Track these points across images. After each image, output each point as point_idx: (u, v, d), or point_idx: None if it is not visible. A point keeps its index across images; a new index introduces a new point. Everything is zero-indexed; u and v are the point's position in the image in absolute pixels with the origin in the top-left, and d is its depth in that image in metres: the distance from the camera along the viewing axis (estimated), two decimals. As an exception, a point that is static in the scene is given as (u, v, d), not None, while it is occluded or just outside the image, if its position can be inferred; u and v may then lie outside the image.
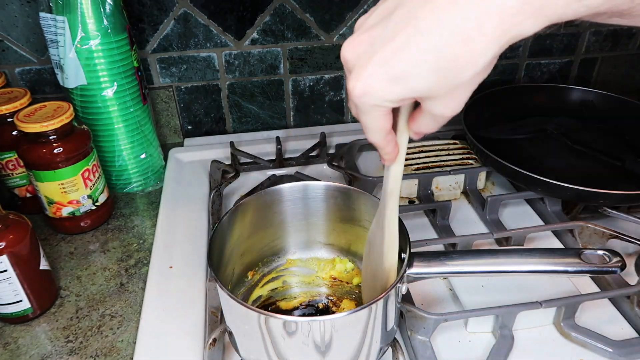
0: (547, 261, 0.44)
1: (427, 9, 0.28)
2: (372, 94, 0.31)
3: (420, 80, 0.29)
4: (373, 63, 0.30)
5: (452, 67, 0.28)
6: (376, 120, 0.34)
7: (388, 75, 0.30)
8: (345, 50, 0.32)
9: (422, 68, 0.29)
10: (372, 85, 0.30)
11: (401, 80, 0.30)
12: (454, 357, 0.50)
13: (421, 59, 0.28)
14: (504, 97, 0.85)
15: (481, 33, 0.27)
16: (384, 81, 0.30)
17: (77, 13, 0.63)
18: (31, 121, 0.60)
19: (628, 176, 0.70)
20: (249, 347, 0.44)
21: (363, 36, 0.31)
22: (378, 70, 0.30)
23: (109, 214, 0.71)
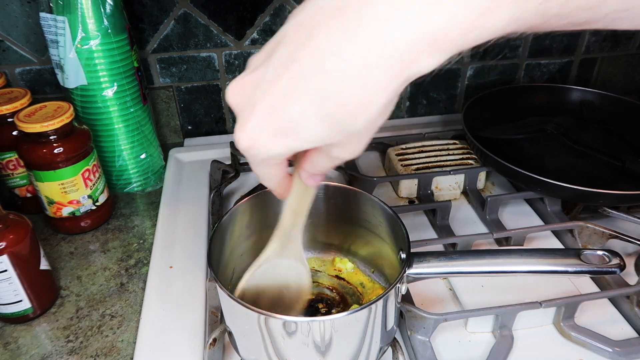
0: (547, 261, 0.44)
1: (308, 52, 0.25)
2: (258, 148, 0.28)
3: (309, 131, 0.27)
4: (256, 114, 0.27)
5: (342, 116, 0.26)
6: (268, 171, 0.32)
7: (273, 127, 0.27)
8: (228, 94, 0.30)
9: (309, 118, 0.26)
10: (257, 139, 0.28)
11: (289, 133, 0.27)
12: (454, 357, 0.50)
13: (305, 107, 0.26)
14: (504, 97, 0.85)
15: (368, 79, 0.24)
16: (270, 134, 0.27)
17: (77, 13, 0.64)
18: (31, 121, 0.60)
19: (628, 176, 0.69)
20: (249, 347, 0.44)
21: (245, 79, 0.29)
22: (262, 122, 0.27)
23: (109, 214, 0.71)
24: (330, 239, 0.57)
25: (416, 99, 0.95)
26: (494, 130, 0.78)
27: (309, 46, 0.25)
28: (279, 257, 0.43)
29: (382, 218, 0.50)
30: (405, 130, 0.89)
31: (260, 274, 0.44)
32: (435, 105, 0.97)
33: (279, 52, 0.27)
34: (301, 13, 0.26)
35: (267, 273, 0.44)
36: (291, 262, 0.44)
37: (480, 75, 0.95)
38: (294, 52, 0.26)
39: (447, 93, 0.96)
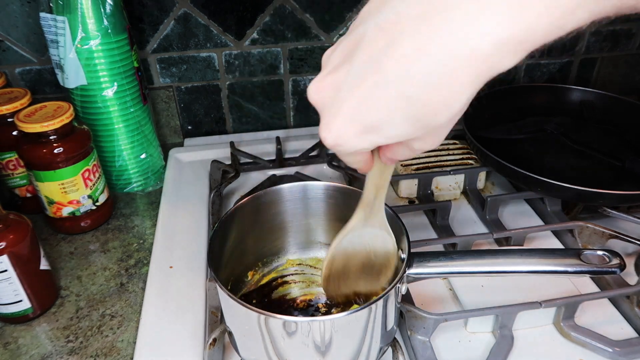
0: (547, 261, 0.44)
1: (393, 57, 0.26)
2: (345, 145, 0.30)
3: (394, 128, 0.28)
4: (342, 113, 0.29)
5: (426, 114, 0.27)
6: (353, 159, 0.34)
7: (359, 126, 0.29)
8: (311, 93, 0.31)
9: (394, 117, 0.28)
10: (344, 137, 0.30)
11: (374, 130, 0.29)
12: (454, 357, 0.50)
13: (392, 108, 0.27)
14: (504, 97, 0.85)
15: (454, 80, 0.25)
16: (355, 132, 0.29)
17: (77, 13, 0.64)
18: (31, 121, 0.60)
19: (628, 176, 0.70)
20: (249, 347, 0.44)
21: (327, 79, 0.30)
22: (348, 121, 0.29)
23: (109, 214, 0.71)
24: (330, 239, 0.57)
25: (416, 99, 0.95)
26: (494, 130, 0.78)
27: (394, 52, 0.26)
28: (364, 227, 0.44)
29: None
30: (405, 130, 0.89)
31: (347, 241, 0.45)
32: (435, 105, 0.97)
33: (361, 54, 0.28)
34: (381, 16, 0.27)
35: (354, 240, 0.45)
36: (376, 231, 0.44)
37: (480, 75, 0.94)
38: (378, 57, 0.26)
39: (447, 93, 0.96)
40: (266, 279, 0.55)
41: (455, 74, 0.25)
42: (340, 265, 0.46)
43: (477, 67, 0.25)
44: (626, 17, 0.26)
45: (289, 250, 0.57)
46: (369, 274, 0.47)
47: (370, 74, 0.27)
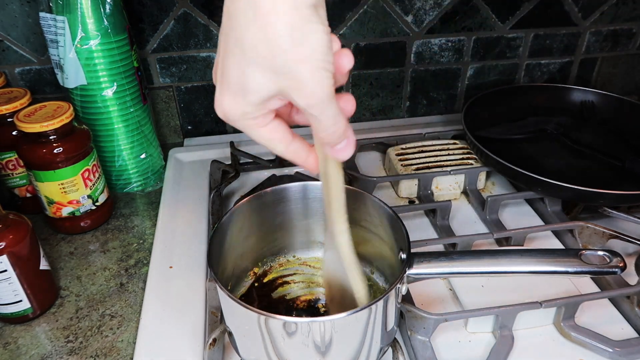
0: (547, 262, 0.44)
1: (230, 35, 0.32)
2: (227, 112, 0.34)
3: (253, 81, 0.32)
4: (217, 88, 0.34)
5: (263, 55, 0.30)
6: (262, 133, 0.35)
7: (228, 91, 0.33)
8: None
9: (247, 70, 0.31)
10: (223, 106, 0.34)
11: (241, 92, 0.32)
12: (454, 357, 0.50)
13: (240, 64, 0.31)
14: (504, 97, 0.85)
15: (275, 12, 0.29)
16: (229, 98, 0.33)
17: (77, 13, 0.63)
18: (31, 121, 0.60)
19: (628, 176, 0.70)
20: (249, 348, 0.44)
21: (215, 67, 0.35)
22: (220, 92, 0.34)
23: (109, 214, 0.71)
24: (330, 239, 0.57)
25: (416, 99, 0.95)
26: (494, 130, 0.78)
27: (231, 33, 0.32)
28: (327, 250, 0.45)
29: (382, 218, 0.50)
30: (405, 130, 0.89)
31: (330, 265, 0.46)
32: (435, 105, 0.97)
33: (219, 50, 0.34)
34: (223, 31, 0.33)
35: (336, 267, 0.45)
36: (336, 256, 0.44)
37: (480, 75, 0.95)
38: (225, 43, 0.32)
39: (447, 93, 0.96)
40: (266, 279, 0.55)
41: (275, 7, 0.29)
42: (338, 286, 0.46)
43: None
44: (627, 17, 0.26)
45: (289, 250, 0.57)
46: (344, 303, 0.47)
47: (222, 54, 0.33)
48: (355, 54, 0.89)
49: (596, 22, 0.93)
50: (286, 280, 0.56)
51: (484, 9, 0.87)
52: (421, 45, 0.89)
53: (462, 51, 0.91)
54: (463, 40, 0.90)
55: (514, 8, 0.88)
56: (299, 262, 0.57)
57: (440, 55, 0.91)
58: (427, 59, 0.91)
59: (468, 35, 0.90)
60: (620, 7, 0.92)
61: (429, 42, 0.89)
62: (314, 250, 0.57)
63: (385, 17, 0.85)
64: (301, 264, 0.57)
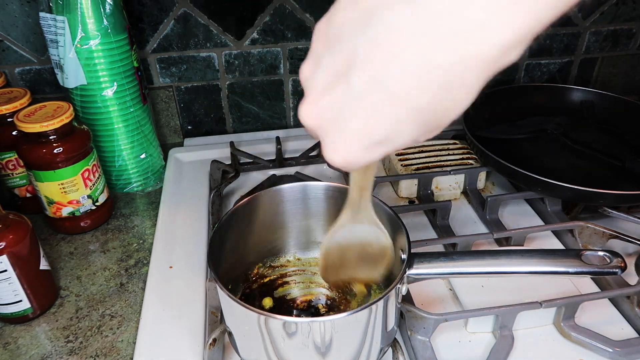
0: (548, 262, 0.44)
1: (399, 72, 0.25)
2: (354, 162, 0.29)
3: (404, 137, 0.28)
4: (348, 133, 0.28)
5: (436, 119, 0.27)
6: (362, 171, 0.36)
7: (368, 142, 0.28)
8: (305, 117, 0.30)
9: (404, 128, 0.27)
10: (352, 155, 0.29)
11: (383, 143, 0.28)
12: (454, 357, 0.50)
13: (401, 121, 0.27)
14: (504, 97, 0.85)
15: (463, 84, 0.26)
16: (364, 148, 0.28)
17: (77, 13, 0.63)
18: (31, 121, 0.60)
19: (628, 176, 0.69)
20: (249, 348, 0.44)
21: (323, 101, 0.28)
22: (355, 140, 0.28)
23: (109, 214, 0.71)
24: (330, 239, 0.57)
25: (416, 98, 0.95)
26: (494, 130, 0.78)
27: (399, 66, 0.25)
28: (353, 224, 0.44)
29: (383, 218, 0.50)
30: (405, 130, 0.89)
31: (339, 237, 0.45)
32: (435, 105, 0.97)
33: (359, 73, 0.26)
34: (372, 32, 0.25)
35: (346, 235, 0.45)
36: (365, 227, 0.44)
37: (480, 75, 0.94)
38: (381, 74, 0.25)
39: (447, 93, 0.96)
40: (266, 279, 0.55)
41: (464, 78, 0.25)
42: (337, 258, 0.46)
43: (485, 69, 0.26)
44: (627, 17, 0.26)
45: (289, 250, 0.57)
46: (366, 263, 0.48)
47: (375, 92, 0.26)
48: (355, 54, 0.89)
49: (596, 22, 0.93)
50: (286, 281, 0.56)
51: (484, 9, 0.87)
52: (421, 45, 0.89)
53: (462, 51, 0.91)
54: (463, 40, 0.90)
55: (514, 8, 0.88)
56: (299, 263, 0.57)
57: (440, 55, 0.91)
58: (427, 59, 0.91)
59: (468, 35, 0.89)
60: (620, 7, 0.92)
61: (429, 42, 0.89)
62: (314, 250, 0.57)
63: (385, 17, 0.85)
64: (301, 264, 0.57)
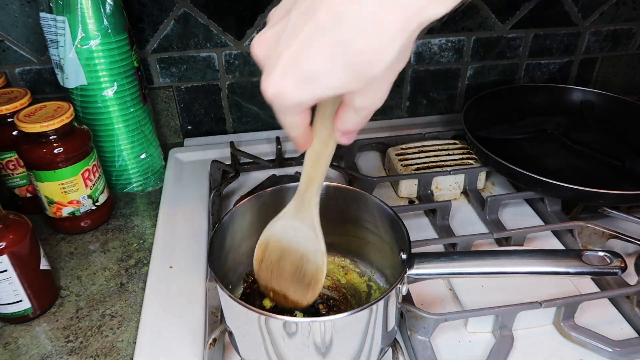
0: (548, 262, 0.44)
1: (325, 4, 0.27)
2: (285, 95, 0.30)
3: (331, 77, 0.29)
4: (281, 64, 0.29)
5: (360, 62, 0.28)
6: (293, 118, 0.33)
7: (297, 75, 0.29)
8: (253, 47, 0.32)
9: (330, 65, 0.28)
10: (284, 87, 0.30)
11: (312, 80, 0.29)
12: (454, 357, 0.50)
13: (326, 56, 0.28)
14: (504, 97, 0.85)
15: (382, 25, 0.27)
16: (294, 83, 0.29)
17: (77, 13, 0.63)
18: (31, 121, 0.60)
19: (628, 176, 0.70)
20: (249, 347, 0.44)
21: (268, 33, 0.31)
22: (286, 71, 0.29)
23: (109, 214, 0.71)
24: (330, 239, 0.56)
25: (416, 99, 0.95)
26: (494, 130, 0.78)
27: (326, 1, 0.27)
28: (294, 218, 0.44)
29: (383, 218, 0.50)
30: (405, 130, 0.89)
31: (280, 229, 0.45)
32: (435, 105, 0.97)
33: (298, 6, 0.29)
34: None
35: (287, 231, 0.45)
36: (304, 228, 0.44)
37: (480, 75, 0.95)
38: (313, 6, 0.28)
39: (447, 93, 0.96)
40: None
41: (384, 19, 0.26)
42: (276, 255, 0.46)
43: (404, 12, 0.26)
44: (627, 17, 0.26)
45: (289, 250, 0.57)
46: (300, 282, 0.46)
47: (306, 24, 0.28)
48: (355, 54, 0.89)
49: (596, 22, 0.93)
50: (286, 280, 0.56)
51: (483, 9, 0.87)
52: (421, 45, 0.89)
53: (462, 51, 0.91)
54: (463, 40, 0.90)
55: (514, 8, 0.88)
56: (299, 262, 0.57)
57: (440, 55, 0.91)
58: (427, 59, 0.91)
59: (468, 35, 0.90)
60: (620, 7, 0.92)
61: (429, 42, 0.89)
62: (314, 250, 0.57)
63: (385, 17, 0.85)
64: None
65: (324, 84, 0.29)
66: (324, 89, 0.29)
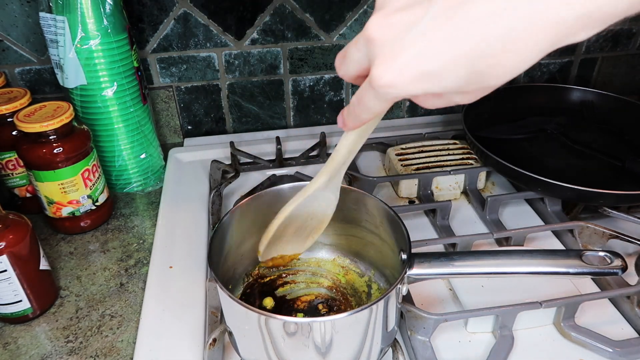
0: (548, 262, 0.44)
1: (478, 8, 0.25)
2: (399, 87, 0.29)
3: (453, 80, 0.28)
4: (407, 55, 0.28)
5: (490, 73, 0.27)
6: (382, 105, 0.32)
7: (420, 70, 0.28)
8: (373, 28, 0.29)
9: (458, 70, 0.27)
10: (401, 79, 0.28)
11: (433, 78, 0.28)
12: (454, 357, 0.50)
13: (459, 61, 0.27)
14: (504, 97, 0.85)
15: (530, 45, 0.26)
16: (413, 76, 0.28)
17: (77, 13, 0.63)
18: (31, 121, 0.60)
19: (628, 176, 0.70)
20: (249, 348, 0.44)
21: (396, 17, 0.28)
22: (409, 64, 0.28)
23: (109, 214, 0.71)
24: (330, 239, 0.57)
25: (416, 98, 0.95)
26: (494, 130, 0.78)
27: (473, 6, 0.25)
28: (324, 191, 0.45)
29: (383, 218, 0.50)
30: (405, 130, 0.89)
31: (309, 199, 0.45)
32: (435, 105, 0.97)
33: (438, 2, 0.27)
34: None
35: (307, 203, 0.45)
36: (329, 195, 0.45)
37: (480, 75, 0.94)
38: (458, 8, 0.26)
39: (447, 93, 0.96)
40: (266, 279, 0.55)
41: (534, 39, 0.25)
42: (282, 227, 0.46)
43: (555, 36, 0.25)
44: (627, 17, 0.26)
45: (289, 250, 0.57)
46: (299, 237, 0.48)
47: (448, 22, 0.26)
48: (355, 54, 0.89)
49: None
50: (287, 281, 0.56)
51: (484, 9, 0.87)
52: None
53: (462, 51, 0.91)
54: (463, 40, 0.90)
55: (514, 8, 0.88)
56: (300, 263, 0.57)
57: (440, 55, 0.91)
58: (427, 59, 0.91)
59: (468, 35, 0.89)
60: (620, 7, 0.92)
61: (429, 42, 0.89)
62: (315, 250, 0.57)
63: (385, 17, 0.85)
64: (302, 264, 0.57)
65: (440, 83, 0.28)
66: (439, 87, 0.29)
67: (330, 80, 0.90)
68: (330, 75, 0.90)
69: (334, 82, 0.91)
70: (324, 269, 0.57)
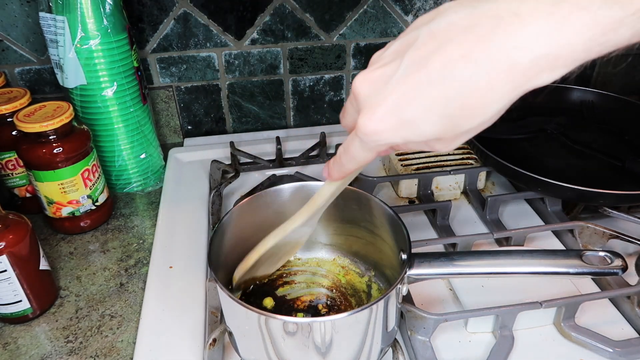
0: (549, 262, 0.44)
1: (439, 59, 0.28)
2: (381, 134, 0.31)
3: (428, 126, 0.30)
4: (385, 105, 0.30)
5: (461, 116, 0.29)
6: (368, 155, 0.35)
7: (398, 119, 0.30)
8: (359, 84, 0.32)
9: (431, 115, 0.29)
10: (382, 127, 0.31)
11: (410, 125, 0.30)
12: (454, 357, 0.50)
13: (430, 106, 0.29)
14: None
15: (491, 89, 0.27)
16: (393, 125, 0.31)
17: (77, 13, 0.63)
18: (31, 121, 0.60)
19: (628, 176, 0.69)
20: (249, 348, 0.44)
21: (377, 73, 0.31)
22: (389, 113, 0.30)
23: (108, 214, 0.71)
24: (330, 239, 0.57)
25: (416, 98, 0.95)
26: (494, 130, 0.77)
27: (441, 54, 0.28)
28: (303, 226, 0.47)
29: (383, 218, 0.50)
30: (405, 130, 0.89)
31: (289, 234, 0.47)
32: (435, 105, 0.97)
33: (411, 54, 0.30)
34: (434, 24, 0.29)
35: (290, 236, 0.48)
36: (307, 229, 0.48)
37: (480, 75, 0.94)
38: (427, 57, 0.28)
39: (447, 93, 0.96)
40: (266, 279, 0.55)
41: (493, 82, 0.27)
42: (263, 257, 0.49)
43: (514, 79, 0.27)
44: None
45: (289, 250, 0.57)
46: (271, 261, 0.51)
47: (417, 73, 0.29)
48: (355, 54, 0.89)
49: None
50: (286, 281, 0.56)
51: (484, 9, 0.87)
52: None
53: (462, 51, 0.91)
54: (463, 40, 0.90)
55: (514, 8, 0.88)
56: (300, 263, 0.57)
57: (440, 55, 0.91)
58: (427, 59, 0.91)
59: (468, 35, 0.89)
60: (620, 7, 0.92)
61: (429, 42, 0.89)
62: (315, 250, 0.57)
63: (385, 17, 0.85)
64: (302, 264, 0.57)
65: (418, 131, 0.30)
66: (417, 135, 0.31)
67: (330, 80, 0.90)
68: (330, 75, 0.90)
69: (334, 82, 0.91)
70: (324, 269, 0.57)
